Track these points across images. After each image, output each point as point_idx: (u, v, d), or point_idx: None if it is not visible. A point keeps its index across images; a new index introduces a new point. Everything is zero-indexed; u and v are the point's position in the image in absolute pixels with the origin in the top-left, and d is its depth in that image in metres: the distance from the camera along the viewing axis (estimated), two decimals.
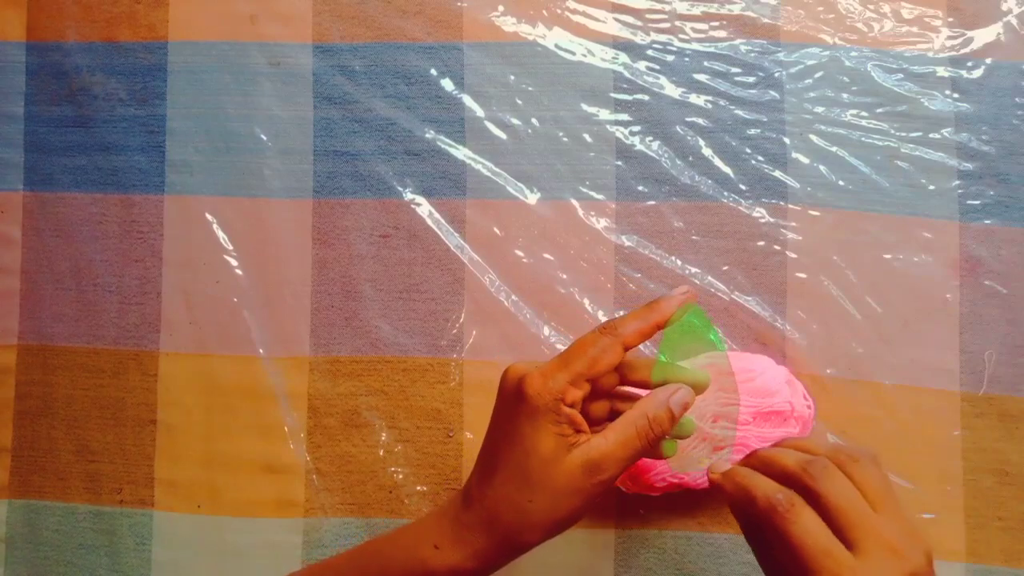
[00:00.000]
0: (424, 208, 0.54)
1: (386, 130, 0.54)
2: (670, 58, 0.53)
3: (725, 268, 0.52)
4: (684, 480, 0.47)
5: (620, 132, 0.53)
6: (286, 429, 0.53)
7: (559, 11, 0.54)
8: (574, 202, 0.53)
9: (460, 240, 0.53)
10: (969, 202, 0.52)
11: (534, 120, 0.54)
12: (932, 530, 0.50)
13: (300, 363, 0.53)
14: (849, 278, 0.52)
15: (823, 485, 0.34)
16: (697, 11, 0.54)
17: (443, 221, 0.54)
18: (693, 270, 0.52)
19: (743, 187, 0.53)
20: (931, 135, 0.52)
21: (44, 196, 0.55)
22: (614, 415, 0.40)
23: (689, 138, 0.53)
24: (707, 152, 0.53)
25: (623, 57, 0.54)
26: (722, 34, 0.53)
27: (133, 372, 0.54)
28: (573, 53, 0.54)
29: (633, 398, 0.40)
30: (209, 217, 0.55)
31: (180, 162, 0.55)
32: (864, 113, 0.53)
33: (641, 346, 0.53)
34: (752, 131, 0.53)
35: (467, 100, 0.54)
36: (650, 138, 0.53)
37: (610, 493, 0.51)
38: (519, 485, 0.36)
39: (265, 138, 0.55)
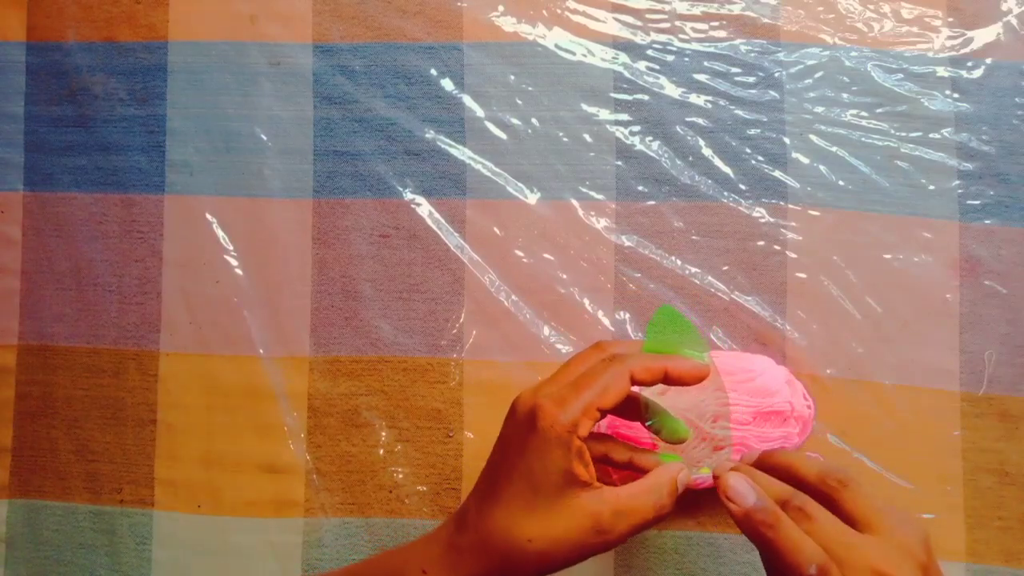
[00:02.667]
0: (424, 208, 0.54)
1: (386, 130, 0.54)
2: (670, 58, 0.53)
3: (725, 268, 0.52)
4: None
5: (620, 132, 0.53)
6: (286, 429, 0.53)
7: (559, 11, 0.54)
8: (574, 202, 0.53)
9: (460, 240, 0.53)
10: (969, 202, 0.52)
11: (534, 120, 0.54)
12: (932, 530, 0.50)
13: (300, 363, 0.53)
14: (849, 278, 0.52)
15: (803, 527, 0.33)
16: (697, 11, 0.54)
17: (443, 221, 0.54)
18: (693, 270, 0.52)
19: (743, 187, 0.53)
20: (931, 135, 0.52)
21: (44, 196, 0.56)
22: (607, 460, 0.40)
23: (689, 138, 0.53)
24: (707, 152, 0.53)
25: (623, 57, 0.54)
26: (722, 34, 0.53)
27: (133, 372, 0.54)
28: (573, 53, 0.54)
29: (628, 452, 0.40)
30: (209, 217, 0.55)
31: (180, 162, 0.55)
32: (864, 113, 0.53)
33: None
34: (752, 131, 0.53)
35: (467, 100, 0.54)
36: (650, 138, 0.53)
37: None
38: (518, 518, 0.35)
39: (265, 138, 0.55)
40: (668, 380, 0.37)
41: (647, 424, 0.39)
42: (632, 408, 0.40)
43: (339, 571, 0.40)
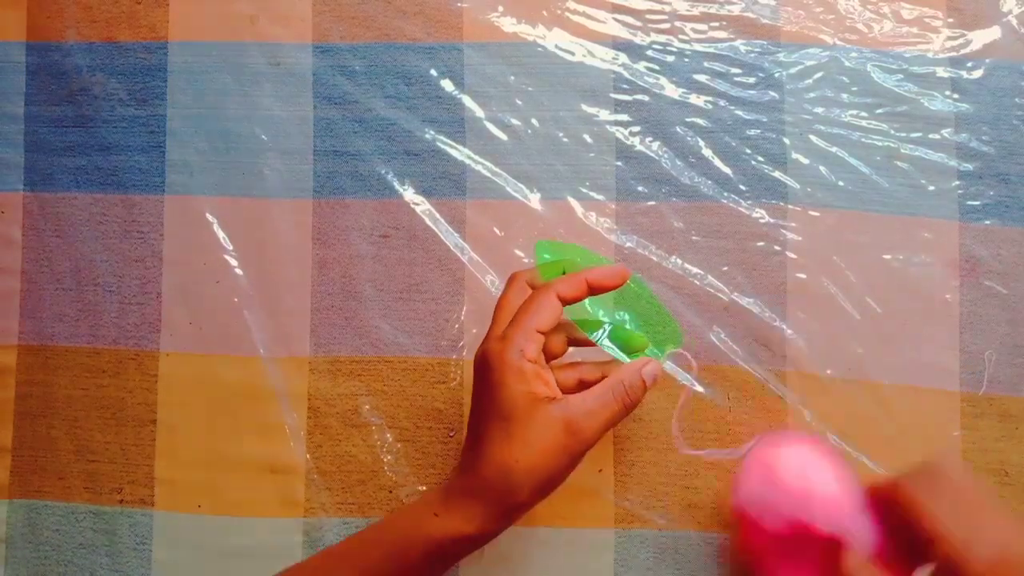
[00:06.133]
0: (424, 208, 0.54)
1: (386, 130, 0.54)
2: (670, 58, 0.53)
3: (725, 268, 0.52)
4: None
5: (620, 132, 0.53)
6: (286, 429, 0.53)
7: (559, 11, 0.54)
8: (574, 202, 0.53)
9: (460, 240, 0.53)
10: (969, 202, 0.52)
11: (534, 120, 0.54)
12: None
13: (300, 363, 0.53)
14: (849, 278, 0.52)
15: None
16: (697, 11, 0.54)
17: (443, 221, 0.54)
18: (693, 270, 0.52)
19: (743, 187, 0.53)
20: (931, 135, 0.52)
21: (44, 196, 0.56)
22: (583, 385, 0.43)
23: (689, 138, 0.53)
24: (707, 152, 0.53)
25: (623, 57, 0.54)
26: (722, 34, 0.54)
27: (133, 372, 0.54)
28: (573, 53, 0.54)
29: (600, 368, 0.44)
30: (209, 217, 0.55)
31: (180, 162, 0.55)
32: (864, 113, 0.53)
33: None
34: (752, 131, 0.53)
35: (467, 100, 0.54)
36: (650, 138, 0.53)
37: (611, 491, 0.51)
38: (502, 446, 0.38)
39: (265, 138, 0.55)
40: (592, 289, 0.40)
41: (601, 342, 0.42)
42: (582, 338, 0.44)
43: (355, 534, 0.43)
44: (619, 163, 0.53)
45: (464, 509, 0.38)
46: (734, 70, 0.53)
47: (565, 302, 0.40)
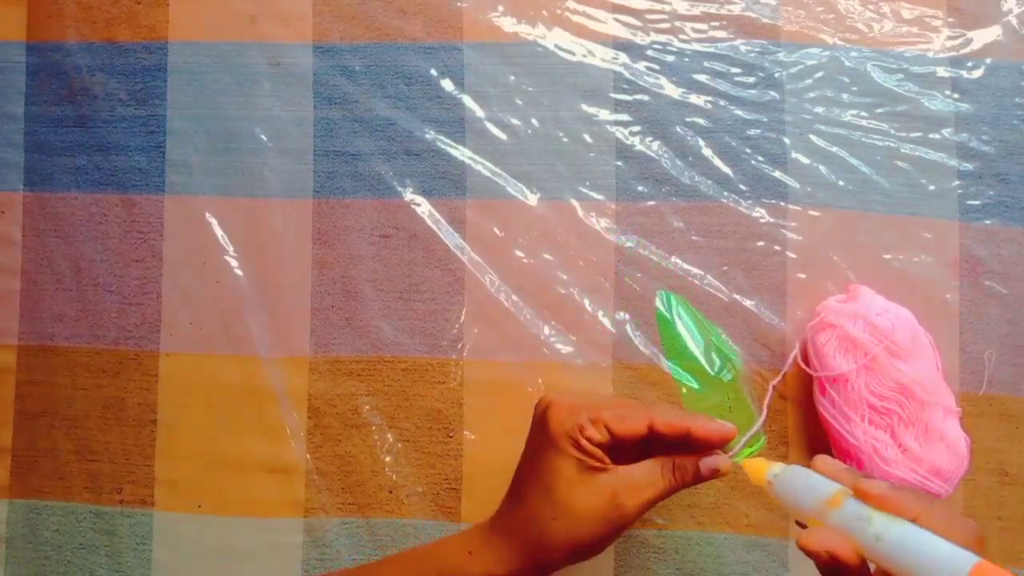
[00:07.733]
0: (424, 208, 0.54)
1: (386, 130, 0.54)
2: (670, 58, 0.53)
3: (725, 268, 0.52)
4: None
5: (620, 132, 0.53)
6: (287, 429, 0.53)
7: (559, 11, 0.54)
8: (574, 202, 0.53)
9: (460, 240, 0.53)
10: (969, 202, 0.52)
11: (534, 120, 0.54)
12: None
13: (300, 363, 0.53)
14: (849, 278, 0.52)
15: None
16: (697, 11, 0.54)
17: (443, 221, 0.54)
18: (693, 270, 0.52)
19: (743, 187, 0.53)
20: (931, 135, 0.52)
21: (44, 196, 0.55)
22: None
23: (689, 138, 0.53)
24: (707, 152, 0.53)
25: (623, 57, 0.54)
26: (722, 34, 0.53)
27: (133, 372, 0.54)
28: (573, 53, 0.54)
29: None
30: (209, 217, 0.55)
31: (180, 162, 0.55)
32: (864, 113, 0.53)
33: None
34: (752, 131, 0.53)
35: (467, 100, 0.54)
36: (650, 138, 0.53)
37: None
38: (543, 504, 0.38)
39: (265, 138, 0.55)
40: (691, 441, 0.38)
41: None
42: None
43: (391, 556, 0.43)
44: (619, 163, 0.53)
45: (498, 551, 0.38)
46: (734, 70, 0.53)
47: (652, 432, 0.38)
